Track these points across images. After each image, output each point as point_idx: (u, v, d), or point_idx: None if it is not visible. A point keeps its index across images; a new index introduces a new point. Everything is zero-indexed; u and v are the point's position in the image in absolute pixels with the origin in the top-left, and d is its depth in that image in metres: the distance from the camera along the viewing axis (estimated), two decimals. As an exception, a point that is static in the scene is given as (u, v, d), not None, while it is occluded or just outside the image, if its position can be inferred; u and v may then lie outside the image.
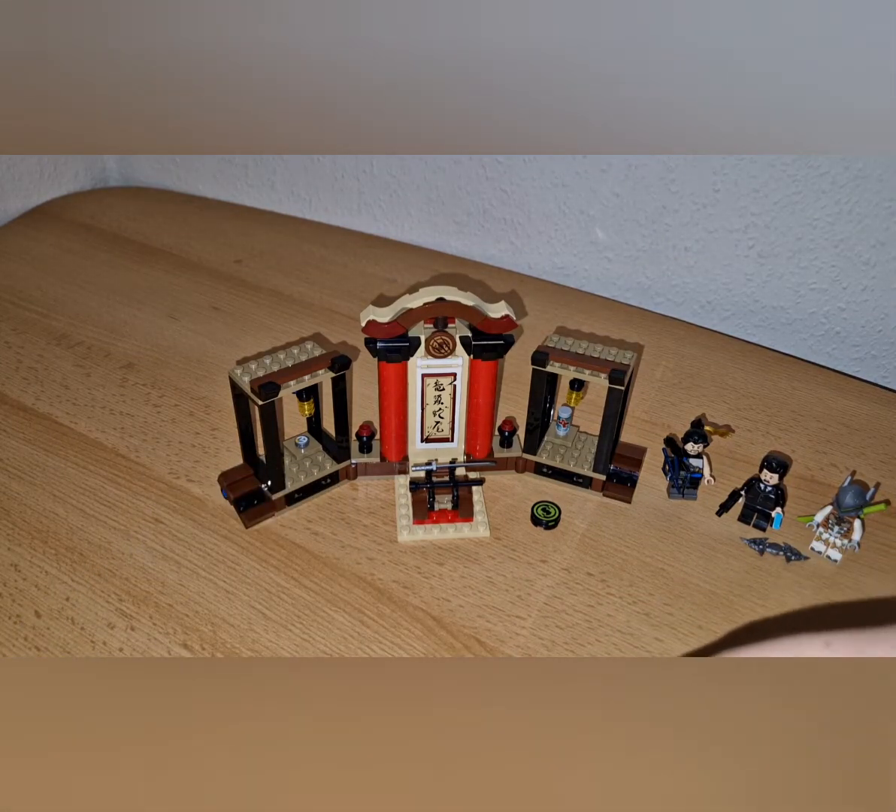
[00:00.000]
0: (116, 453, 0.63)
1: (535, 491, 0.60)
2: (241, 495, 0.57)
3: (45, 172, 1.01)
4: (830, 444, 0.65)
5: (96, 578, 0.53)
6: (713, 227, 0.79)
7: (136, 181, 1.11)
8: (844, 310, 0.77)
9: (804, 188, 0.73)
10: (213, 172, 1.04)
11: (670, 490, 0.59)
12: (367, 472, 0.61)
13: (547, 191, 0.85)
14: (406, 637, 0.49)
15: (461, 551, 0.55)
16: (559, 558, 0.55)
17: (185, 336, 0.76)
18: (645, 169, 0.78)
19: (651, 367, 0.74)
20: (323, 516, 0.58)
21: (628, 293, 0.87)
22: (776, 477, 0.55)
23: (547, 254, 0.89)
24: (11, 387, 0.69)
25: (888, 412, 0.69)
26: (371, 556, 0.55)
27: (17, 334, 0.76)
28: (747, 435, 0.66)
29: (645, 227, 0.82)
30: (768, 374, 0.73)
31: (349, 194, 0.96)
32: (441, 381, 0.57)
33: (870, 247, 0.73)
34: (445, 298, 0.52)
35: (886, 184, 0.70)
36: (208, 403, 0.68)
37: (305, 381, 0.54)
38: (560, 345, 0.57)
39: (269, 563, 0.54)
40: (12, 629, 0.49)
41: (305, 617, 0.50)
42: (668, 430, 0.66)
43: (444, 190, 0.90)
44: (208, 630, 0.50)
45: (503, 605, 0.52)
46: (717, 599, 0.52)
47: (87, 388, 0.69)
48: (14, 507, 0.57)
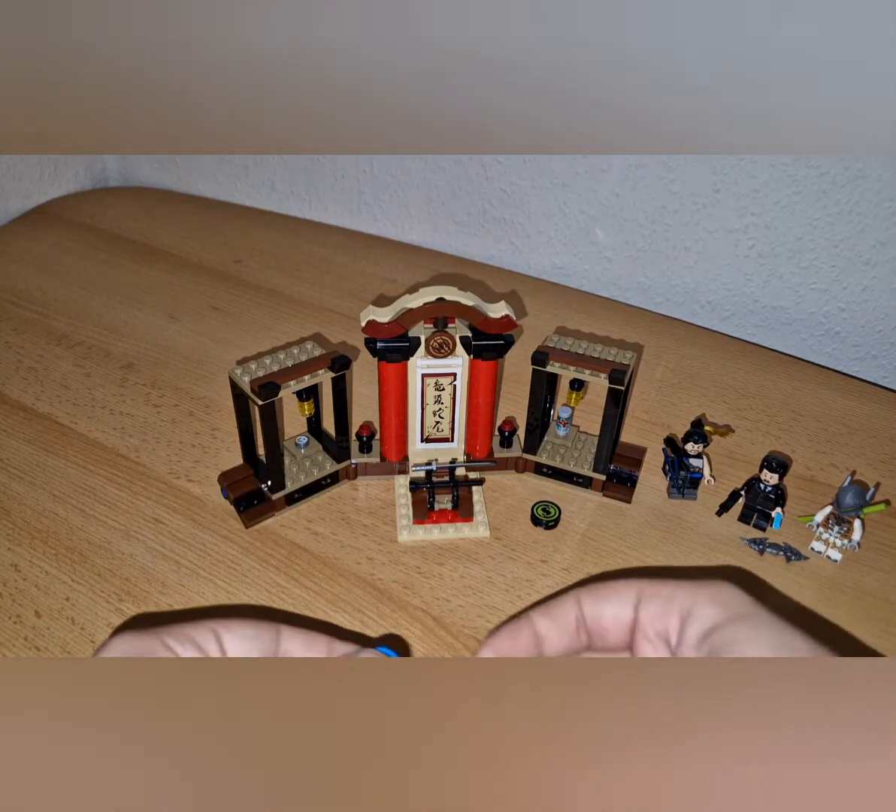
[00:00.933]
0: (116, 453, 0.63)
1: (535, 491, 0.60)
2: (241, 495, 0.57)
3: (45, 172, 1.01)
4: (830, 444, 0.65)
5: (96, 578, 0.53)
6: (713, 227, 0.79)
7: (136, 181, 1.11)
8: (844, 310, 0.77)
9: (804, 188, 0.73)
10: (213, 172, 1.04)
11: (670, 490, 0.59)
12: (367, 472, 0.61)
13: (547, 191, 0.85)
14: (406, 637, 0.49)
15: (461, 551, 0.55)
16: (559, 558, 0.55)
17: (185, 336, 0.76)
18: (645, 169, 0.78)
19: (651, 367, 0.74)
20: (323, 516, 0.58)
21: (628, 293, 0.87)
22: (776, 477, 0.55)
23: (547, 254, 0.89)
24: (11, 387, 0.69)
25: (888, 412, 0.69)
26: (371, 556, 0.55)
27: (17, 334, 0.76)
28: (747, 435, 0.66)
29: (645, 227, 0.82)
30: (768, 374, 0.73)
31: (349, 194, 0.96)
32: (441, 381, 0.57)
33: (870, 247, 0.73)
34: (445, 298, 0.52)
35: (886, 184, 0.70)
36: (208, 403, 0.68)
37: (305, 381, 0.54)
38: (560, 345, 0.57)
39: (269, 563, 0.54)
40: (12, 629, 0.49)
41: (305, 617, 0.50)
42: (668, 430, 0.66)
43: (444, 190, 0.90)
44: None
45: (503, 605, 0.52)
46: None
47: (87, 388, 0.69)
48: (14, 507, 0.57)
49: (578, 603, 0.31)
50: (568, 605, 0.31)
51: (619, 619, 0.31)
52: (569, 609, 0.31)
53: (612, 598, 0.31)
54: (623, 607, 0.31)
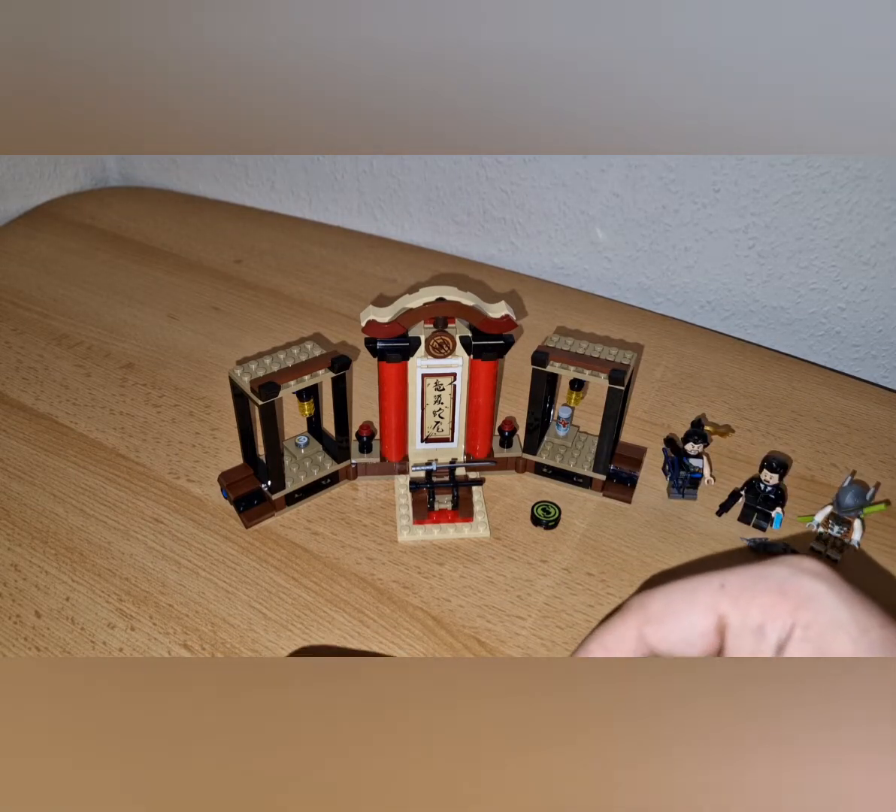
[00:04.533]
0: (116, 453, 0.63)
1: (535, 491, 0.60)
2: (241, 495, 0.57)
3: (45, 172, 1.01)
4: (830, 444, 0.65)
5: (96, 578, 0.53)
6: (713, 227, 0.79)
7: (136, 181, 1.11)
8: (844, 310, 0.77)
9: (804, 188, 0.73)
10: (213, 172, 1.04)
11: (670, 490, 0.59)
12: (367, 472, 0.61)
13: (547, 191, 0.85)
14: (406, 637, 0.49)
15: (461, 551, 0.55)
16: (559, 558, 0.55)
17: (185, 336, 0.76)
18: (645, 169, 0.78)
19: (651, 367, 0.74)
20: (323, 516, 0.58)
21: (628, 293, 0.87)
22: (776, 477, 0.55)
23: (547, 254, 0.89)
24: (11, 387, 0.69)
25: (888, 412, 0.69)
26: (371, 556, 0.55)
27: (17, 334, 0.76)
28: (747, 435, 0.66)
29: (645, 227, 0.82)
30: (768, 374, 0.73)
31: (349, 194, 0.96)
32: (441, 382, 0.57)
33: (870, 247, 0.73)
34: (445, 298, 0.52)
35: (886, 184, 0.70)
36: (208, 403, 0.68)
37: (305, 381, 0.54)
38: (560, 345, 0.57)
39: (269, 563, 0.54)
40: (12, 629, 0.49)
41: (305, 617, 0.50)
42: (668, 430, 0.66)
43: (444, 190, 0.90)
44: (208, 630, 0.50)
45: (503, 605, 0.52)
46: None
47: (87, 388, 0.69)
48: (14, 507, 0.57)
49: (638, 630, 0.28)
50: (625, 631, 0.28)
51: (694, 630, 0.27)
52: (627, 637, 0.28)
53: (680, 618, 0.27)
54: (695, 626, 0.27)
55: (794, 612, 0.25)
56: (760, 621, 0.26)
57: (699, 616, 0.27)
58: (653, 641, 0.27)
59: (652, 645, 0.27)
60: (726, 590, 0.26)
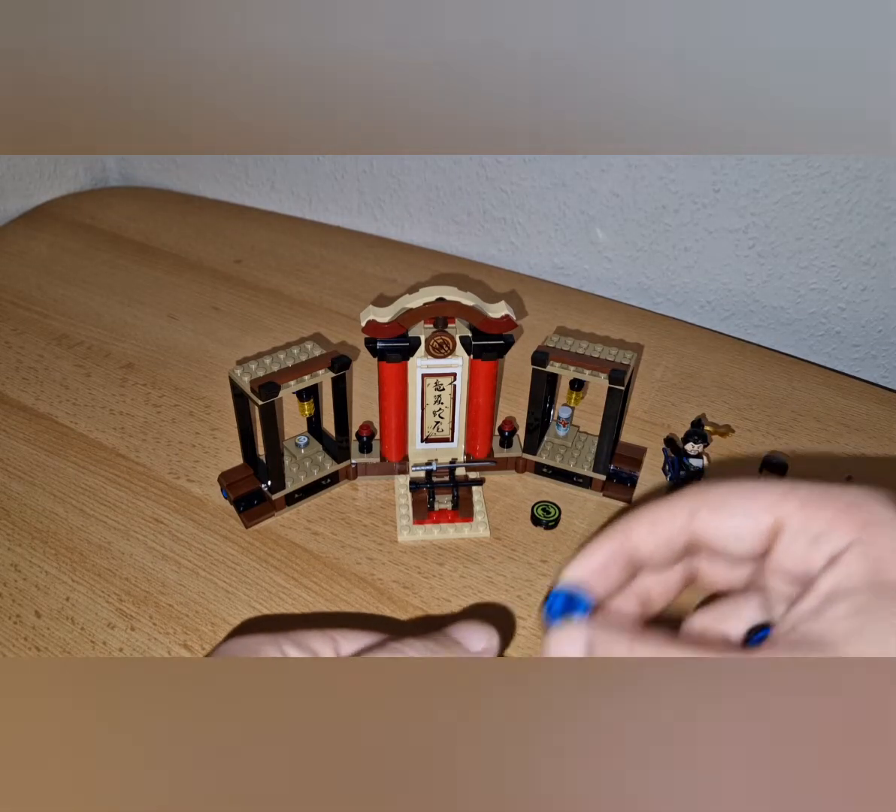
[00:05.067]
0: (116, 453, 0.63)
1: (535, 491, 0.60)
2: (241, 495, 0.57)
3: (45, 172, 1.01)
4: (830, 444, 0.65)
5: (96, 578, 0.53)
6: (713, 227, 0.79)
7: (136, 181, 1.11)
8: (844, 310, 0.77)
9: (804, 188, 0.73)
10: (213, 172, 1.04)
11: (671, 490, 0.59)
12: (367, 472, 0.61)
13: (547, 191, 0.85)
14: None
15: (461, 551, 0.55)
16: (559, 558, 0.55)
17: (185, 336, 0.76)
18: (645, 169, 0.78)
19: (651, 367, 0.74)
20: (323, 516, 0.58)
21: (628, 293, 0.87)
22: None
23: (547, 254, 0.89)
24: (11, 387, 0.69)
25: (888, 412, 0.69)
26: (371, 556, 0.55)
27: (17, 334, 0.76)
28: (747, 435, 0.66)
29: (645, 227, 0.82)
30: (768, 374, 0.73)
31: (349, 194, 0.96)
32: (441, 382, 0.57)
33: (870, 247, 0.73)
34: (445, 298, 0.52)
35: (886, 184, 0.70)
36: (208, 403, 0.68)
37: (305, 381, 0.54)
38: (560, 345, 0.57)
39: (269, 563, 0.54)
40: (12, 629, 0.49)
41: (305, 617, 0.50)
42: (668, 430, 0.66)
43: (444, 190, 0.90)
44: (208, 630, 0.50)
45: (503, 605, 0.52)
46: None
47: (87, 388, 0.69)
48: (14, 507, 0.57)
49: (692, 514, 0.27)
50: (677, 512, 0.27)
51: (744, 535, 0.26)
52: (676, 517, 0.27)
53: (737, 510, 0.26)
54: (751, 520, 0.26)
55: (858, 529, 0.25)
56: (820, 531, 0.25)
57: (758, 512, 0.26)
58: (702, 527, 0.27)
59: (699, 531, 0.27)
60: (793, 495, 0.26)
